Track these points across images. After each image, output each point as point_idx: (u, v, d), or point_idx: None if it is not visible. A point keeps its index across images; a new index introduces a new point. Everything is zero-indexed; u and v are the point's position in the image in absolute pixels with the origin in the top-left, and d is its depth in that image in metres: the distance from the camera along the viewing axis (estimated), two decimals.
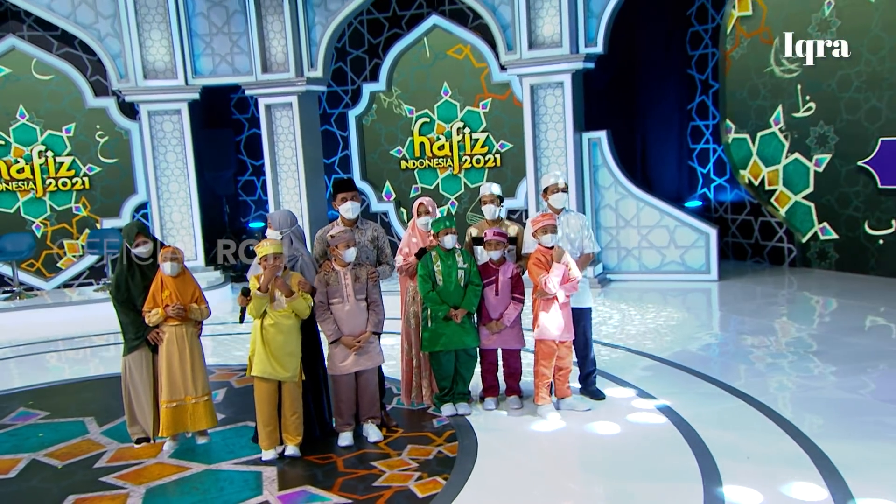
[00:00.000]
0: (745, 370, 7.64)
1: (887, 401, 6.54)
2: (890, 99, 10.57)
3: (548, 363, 6.23)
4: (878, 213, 10.93)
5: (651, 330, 9.14)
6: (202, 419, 5.75)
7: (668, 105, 13.40)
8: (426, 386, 6.58)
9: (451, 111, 12.95)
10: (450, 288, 6.09)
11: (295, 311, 5.45)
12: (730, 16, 12.34)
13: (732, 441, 5.79)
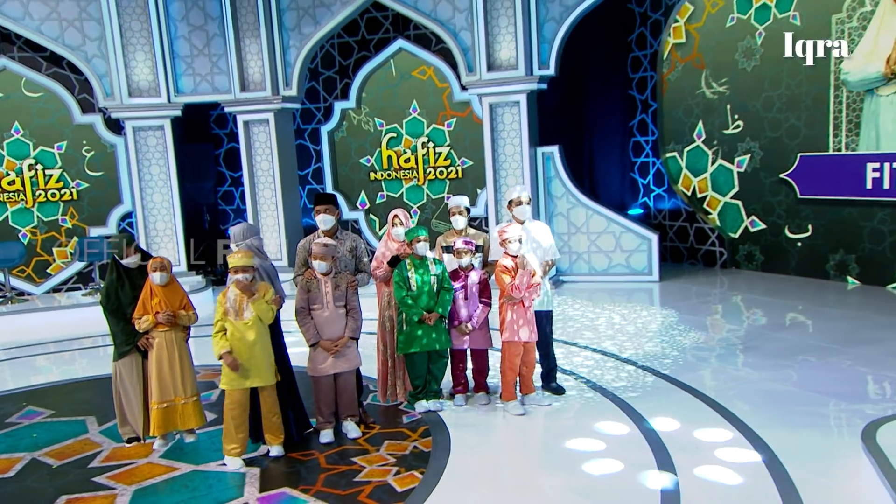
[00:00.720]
0: (686, 364, 7.70)
1: (813, 391, 6.69)
2: (807, 118, 10.92)
3: (514, 363, 6.26)
4: (798, 220, 11.28)
5: (600, 327, 9.17)
6: (191, 418, 5.72)
7: (612, 122, 13.62)
8: (400, 384, 6.61)
9: (416, 127, 13.02)
10: (423, 293, 6.12)
11: (259, 316, 5.34)
12: (666, 43, 12.61)
13: (679, 428, 5.86)
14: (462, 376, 6.62)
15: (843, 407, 6.38)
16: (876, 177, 10.22)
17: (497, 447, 5.80)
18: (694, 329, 9.06)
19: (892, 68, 9.82)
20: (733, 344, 8.40)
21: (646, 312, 10.03)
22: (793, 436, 5.68)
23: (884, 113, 10.09)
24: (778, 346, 8.23)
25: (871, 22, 10.04)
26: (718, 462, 5.26)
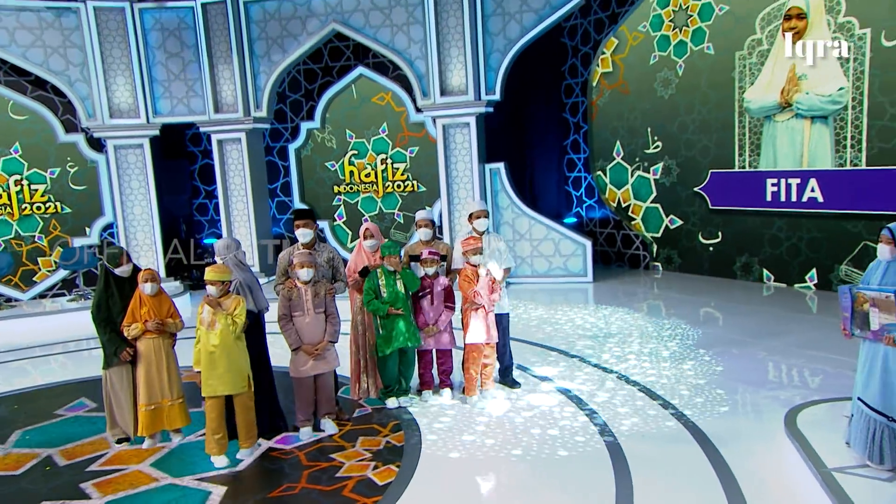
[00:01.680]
0: (620, 356, 7.78)
1: (735, 380, 6.84)
2: (717, 140, 11.33)
3: (476, 362, 6.30)
4: (710, 227, 11.69)
5: (544, 324, 9.27)
6: (177, 419, 5.64)
7: (549, 141, 13.88)
8: (372, 382, 6.56)
9: (376, 145, 13.16)
10: (392, 298, 6.06)
11: (233, 325, 5.21)
12: (595, 72, 12.94)
13: (622, 413, 6.03)
14: (429, 374, 6.60)
15: (763, 394, 6.47)
16: (774, 190, 10.69)
17: (464, 438, 5.72)
18: (625, 324, 9.22)
19: (785, 98, 10.30)
20: (660, 338, 8.47)
21: (583, 310, 10.10)
22: (722, 421, 5.79)
23: (780, 136, 10.55)
24: (698, 339, 8.36)
25: (767, 58, 10.49)
26: (657, 442, 5.39)
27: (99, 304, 5.58)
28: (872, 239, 9.59)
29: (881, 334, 4.31)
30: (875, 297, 4.31)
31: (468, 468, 5.16)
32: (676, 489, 4.63)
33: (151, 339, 5.47)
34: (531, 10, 11.11)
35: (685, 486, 4.68)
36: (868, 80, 9.40)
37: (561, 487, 4.84)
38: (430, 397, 6.49)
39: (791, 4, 10.06)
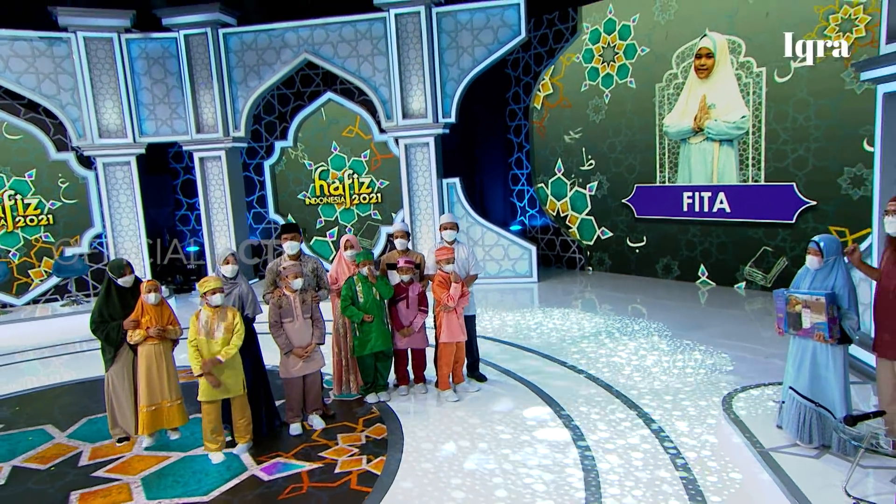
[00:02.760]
0: (566, 348, 7.91)
1: (672, 367, 6.98)
2: (641, 159, 11.68)
3: (448, 359, 6.29)
4: (635, 234, 12.07)
5: (497, 321, 9.36)
6: (176, 418, 5.53)
7: (496, 159, 14.15)
8: (353, 379, 6.54)
9: (342, 162, 13.31)
10: (367, 303, 6.05)
11: (237, 340, 5.19)
12: (536, 96, 13.22)
13: (575, 397, 6.17)
14: (404, 371, 6.57)
15: (698, 381, 6.55)
16: (689, 202, 11.10)
17: (440, 426, 5.70)
18: (567, 320, 9.35)
19: (698, 124, 10.70)
20: (600, 331, 8.63)
21: (530, 308, 10.26)
22: (665, 406, 5.91)
23: (693, 156, 10.95)
24: (633, 331, 8.53)
25: (682, 90, 10.91)
26: (610, 426, 5.52)
27: (101, 311, 5.47)
28: (770, 243, 10.21)
29: (812, 332, 4.37)
30: (807, 299, 4.34)
31: (448, 456, 5.14)
32: (636, 470, 4.74)
33: (153, 345, 5.38)
34: (482, 45, 11.49)
35: (642, 468, 4.78)
36: (765, 110, 9.94)
37: (529, 463, 4.97)
38: (406, 392, 6.51)
39: (701, 45, 10.55)
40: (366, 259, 6.13)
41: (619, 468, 4.82)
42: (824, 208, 9.56)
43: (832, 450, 4.38)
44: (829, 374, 4.31)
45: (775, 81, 9.84)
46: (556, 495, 4.49)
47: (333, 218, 13.56)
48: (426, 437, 5.52)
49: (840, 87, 9.21)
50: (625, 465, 4.86)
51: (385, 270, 6.61)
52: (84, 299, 11.86)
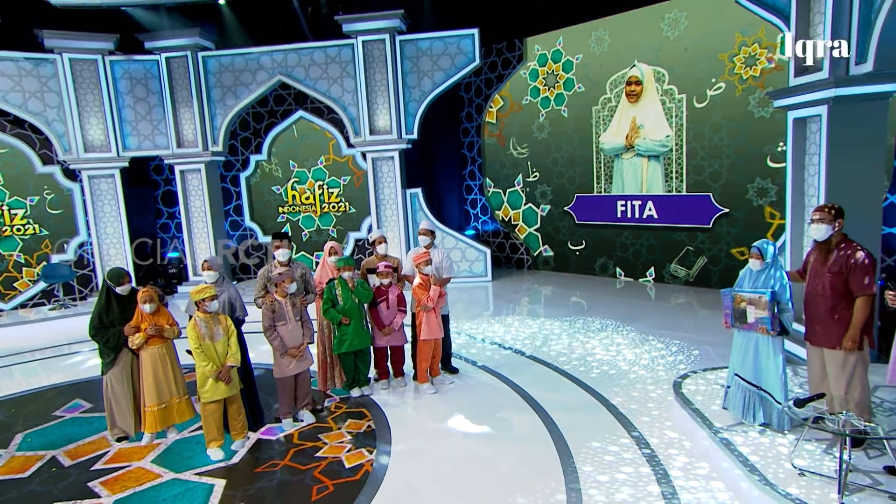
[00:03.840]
0: (522, 339, 8.05)
1: (620, 356, 7.09)
2: (580, 171, 11.99)
3: (427, 355, 6.27)
4: (576, 237, 12.36)
5: (461, 318, 9.31)
6: (185, 412, 5.43)
7: (452, 171, 14.22)
8: (337, 375, 6.43)
9: (315, 173, 13.17)
10: (346, 305, 5.96)
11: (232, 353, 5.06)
12: (484, 122, 13.51)
13: (535, 384, 6.27)
14: (384, 367, 6.49)
15: (646, 365, 6.72)
16: (623, 209, 11.45)
17: (422, 415, 5.70)
18: (520, 315, 9.49)
19: (629, 142, 11.08)
20: (549, 322, 8.81)
21: (486, 305, 10.40)
22: (620, 391, 6.04)
23: (625, 170, 11.33)
24: (581, 324, 8.65)
25: (615, 112, 11.30)
26: (577, 412, 5.55)
27: (100, 317, 5.26)
28: (692, 245, 10.66)
29: (756, 325, 4.46)
30: (751, 297, 4.43)
31: (433, 441, 5.18)
32: (604, 452, 4.80)
33: (155, 348, 5.21)
34: (440, 70, 11.65)
35: (609, 446, 4.87)
36: (685, 130, 10.41)
37: (503, 440, 5.11)
38: (387, 386, 6.46)
39: (631, 74, 11.00)
40: (347, 264, 6.07)
41: (586, 441, 4.99)
42: (735, 215, 10.09)
43: (772, 427, 4.54)
44: (770, 362, 4.45)
45: (694, 106, 10.34)
46: (537, 474, 4.57)
47: (314, 227, 13.44)
48: (411, 427, 5.46)
49: (747, 112, 9.78)
50: (593, 440, 5.01)
51: (365, 275, 6.54)
52: (71, 303, 11.46)
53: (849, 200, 5.11)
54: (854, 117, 5.99)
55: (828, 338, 4.21)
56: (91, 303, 11.35)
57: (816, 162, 6.18)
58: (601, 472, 4.52)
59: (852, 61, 5.89)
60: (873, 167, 6.08)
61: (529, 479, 4.47)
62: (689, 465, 4.56)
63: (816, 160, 6.19)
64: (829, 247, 4.28)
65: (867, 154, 6.04)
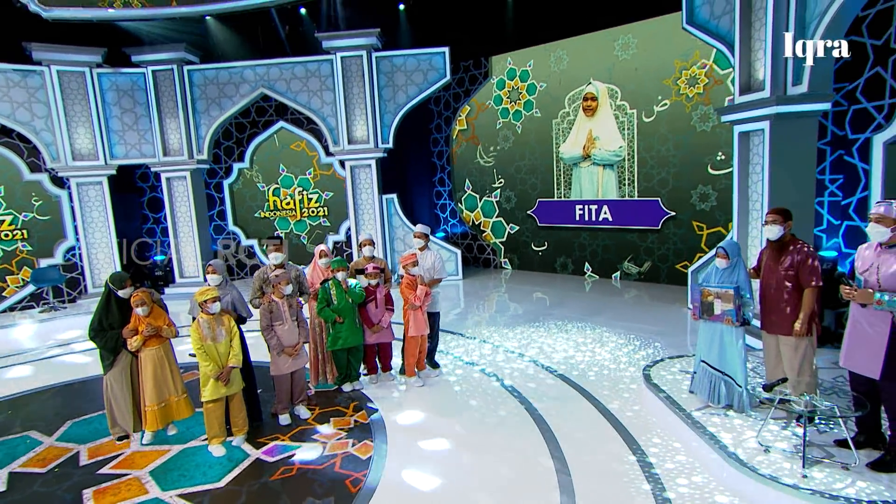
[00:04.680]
0: (494, 331, 7.99)
1: (586, 346, 7.14)
2: (542, 178, 12.12)
3: (414, 350, 6.20)
4: (538, 238, 12.47)
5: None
6: (184, 410, 5.25)
7: (423, 178, 14.22)
8: (329, 371, 6.33)
9: (291, 181, 13.09)
10: (341, 305, 5.88)
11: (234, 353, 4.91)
12: (454, 129, 13.53)
13: (519, 376, 6.25)
14: (373, 362, 6.40)
15: (614, 356, 6.77)
16: (581, 213, 11.62)
17: (415, 408, 5.62)
18: (490, 310, 9.54)
19: (586, 152, 11.26)
20: (518, 316, 8.84)
21: (458, 301, 10.33)
22: (593, 379, 6.08)
23: (583, 177, 11.51)
24: (549, 318, 8.62)
25: (573, 125, 11.49)
26: (558, 401, 5.56)
27: (101, 320, 5.04)
28: (642, 245, 10.89)
29: (722, 317, 4.56)
30: (718, 292, 4.54)
31: (426, 429, 5.14)
32: (581, 430, 4.87)
33: (154, 349, 5.03)
34: (413, 84, 11.66)
35: (588, 429, 4.92)
36: (636, 142, 10.66)
37: (488, 424, 5.07)
38: (376, 380, 6.37)
39: (587, 91, 11.21)
40: (341, 266, 6.00)
41: (566, 424, 5.06)
42: (680, 217, 10.39)
43: (734, 408, 4.69)
44: (734, 350, 4.59)
45: (643, 120, 10.61)
46: (523, 450, 4.67)
47: (288, 229, 13.24)
48: (404, 418, 5.39)
49: (690, 126, 10.10)
50: (572, 423, 5.10)
51: (353, 275, 6.40)
52: (60, 306, 11.05)
53: (787, 204, 5.36)
54: (791, 132, 6.30)
55: (782, 326, 4.40)
56: (81, 305, 10.99)
57: (760, 170, 6.47)
58: (581, 449, 4.61)
59: (789, 83, 6.18)
60: (806, 175, 6.41)
61: (517, 456, 4.52)
62: (663, 443, 4.66)
63: (759, 169, 6.47)
64: (780, 245, 4.46)
65: (801, 163, 6.37)
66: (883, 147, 6.07)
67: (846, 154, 7.17)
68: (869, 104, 6.39)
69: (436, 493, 4.17)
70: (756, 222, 6.56)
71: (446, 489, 4.21)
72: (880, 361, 3.59)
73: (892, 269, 3.58)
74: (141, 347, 4.99)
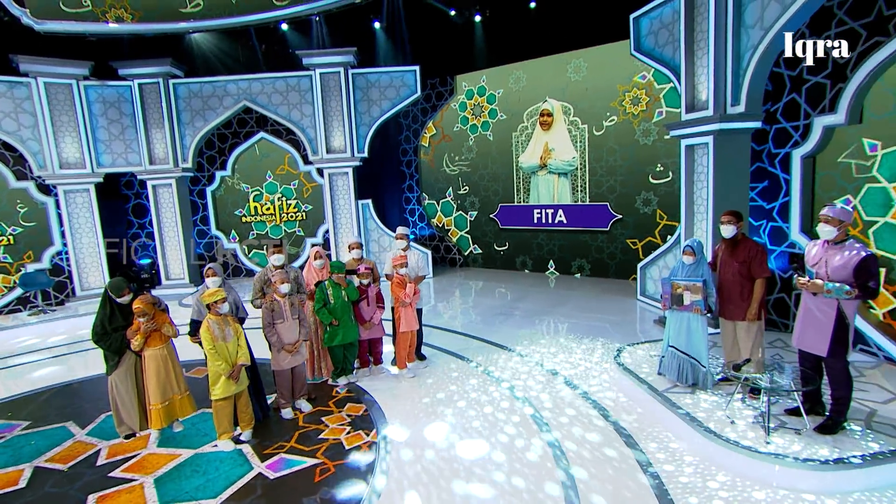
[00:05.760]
0: (482, 327, 7.95)
1: (557, 335, 7.13)
2: (503, 185, 12.22)
3: (405, 344, 6.16)
4: (500, 239, 12.56)
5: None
6: (187, 407, 5.09)
7: (394, 185, 14.10)
8: (324, 366, 6.22)
9: (272, 187, 12.72)
10: (337, 305, 5.82)
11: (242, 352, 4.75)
12: (423, 137, 13.42)
13: (500, 364, 6.25)
14: (365, 356, 6.33)
15: (584, 343, 6.82)
16: (539, 216, 11.79)
17: (410, 397, 5.55)
18: (461, 305, 9.47)
19: (542, 162, 11.44)
20: (485, 309, 8.87)
21: (429, 298, 10.21)
22: (568, 365, 6.12)
23: (540, 184, 11.67)
24: (518, 311, 8.61)
25: (531, 138, 11.66)
26: (541, 387, 5.51)
27: (103, 324, 4.83)
28: (593, 244, 11.13)
29: (690, 307, 4.66)
30: (687, 284, 4.63)
31: (422, 417, 5.10)
32: (567, 417, 4.89)
33: (157, 349, 4.86)
34: (387, 99, 11.60)
35: (570, 412, 4.96)
36: (587, 153, 10.93)
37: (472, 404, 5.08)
38: (369, 373, 6.30)
39: (543, 107, 11.41)
40: (339, 271, 5.94)
41: (550, 405, 5.12)
42: (626, 220, 10.72)
43: (699, 386, 4.88)
44: (699, 335, 4.75)
45: (594, 134, 10.89)
46: (515, 429, 4.71)
47: (264, 232, 12.90)
48: (401, 407, 5.34)
49: (634, 140, 10.47)
50: (555, 402, 5.17)
51: (345, 275, 6.26)
52: (49, 309, 10.45)
53: (728, 206, 5.71)
54: (730, 145, 6.66)
55: (738, 312, 4.65)
56: (69, 308, 10.43)
57: (704, 179, 6.80)
58: (566, 417, 4.67)
59: (729, 103, 6.53)
60: (742, 182, 6.79)
61: (511, 435, 4.62)
62: (639, 420, 4.78)
63: (704, 177, 6.81)
64: (734, 243, 4.70)
65: (739, 172, 6.74)
66: (800, 160, 6.50)
67: (770, 166, 7.62)
68: (787, 124, 6.82)
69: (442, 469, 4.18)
70: (701, 224, 6.89)
71: (450, 466, 4.22)
72: (827, 341, 3.88)
73: (837, 263, 3.87)
74: (144, 347, 4.82)
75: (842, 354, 3.91)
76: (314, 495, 3.92)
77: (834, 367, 3.93)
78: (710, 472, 3.94)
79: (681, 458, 4.16)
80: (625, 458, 4.17)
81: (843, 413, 4.03)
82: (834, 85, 6.20)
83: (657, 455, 4.20)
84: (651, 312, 8.38)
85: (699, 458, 4.11)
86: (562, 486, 3.89)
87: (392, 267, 6.21)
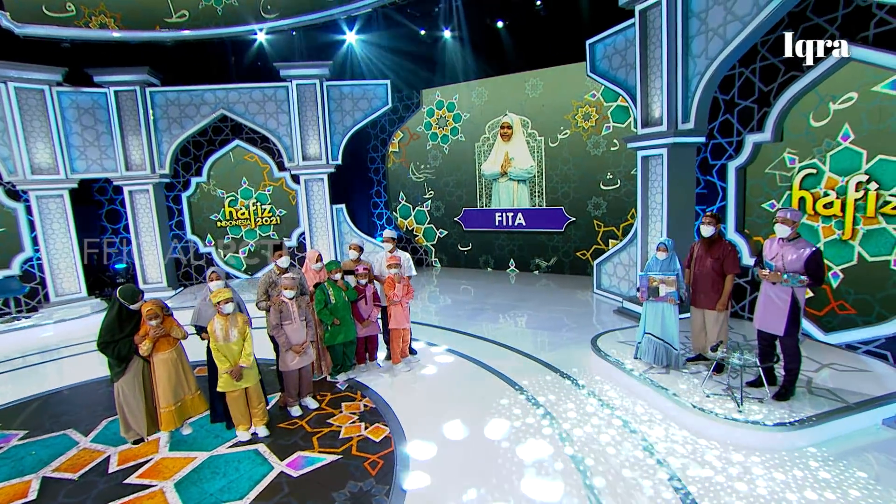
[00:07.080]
0: (463, 320, 7.85)
1: (531, 327, 7.22)
2: (467, 191, 12.23)
3: (399, 341, 6.13)
4: (464, 240, 12.57)
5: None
6: (199, 405, 4.91)
7: (363, 191, 13.89)
8: (324, 364, 6.04)
9: (247, 193, 12.23)
10: (338, 304, 5.69)
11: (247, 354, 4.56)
12: (393, 143, 13.31)
13: (474, 351, 6.30)
14: (362, 353, 6.22)
15: (559, 334, 6.83)
16: (500, 219, 11.88)
17: (411, 389, 5.48)
18: (434, 302, 9.33)
19: (503, 170, 11.54)
20: (455, 305, 8.76)
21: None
22: (551, 353, 6.14)
23: (501, 191, 11.77)
24: (491, 307, 8.50)
25: (493, 148, 11.74)
26: (529, 372, 5.52)
27: (111, 330, 4.48)
28: (552, 243, 11.32)
29: (666, 298, 4.80)
30: (663, 278, 4.75)
31: (424, 406, 5.09)
32: (558, 399, 4.92)
33: (167, 354, 4.62)
34: (359, 110, 11.42)
35: (557, 392, 5.01)
36: (544, 162, 11.15)
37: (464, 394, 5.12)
38: (365, 368, 6.19)
39: (504, 120, 11.53)
40: (337, 268, 5.80)
41: (537, 385, 5.14)
42: (580, 222, 11.02)
43: (672, 367, 5.06)
44: (672, 322, 4.94)
45: (550, 145, 11.14)
46: (509, 409, 4.79)
47: (239, 236, 12.38)
48: (405, 399, 5.20)
49: (586, 151, 10.80)
50: (540, 385, 5.23)
51: (343, 275, 6.09)
52: (22, 315, 9.58)
53: (680, 213, 6.01)
54: (680, 157, 7.03)
55: (708, 302, 4.92)
56: (42, 314, 9.61)
57: (659, 185, 7.14)
58: (552, 395, 4.74)
59: (680, 120, 6.89)
60: (690, 189, 7.19)
61: (506, 414, 4.63)
62: (621, 399, 4.89)
63: (659, 184, 7.14)
64: (711, 241, 4.93)
65: (687, 180, 7.13)
66: (735, 170, 6.97)
67: (708, 175, 8.07)
68: (723, 140, 7.26)
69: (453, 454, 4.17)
70: (656, 224, 7.23)
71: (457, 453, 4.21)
72: (783, 322, 4.20)
73: (792, 257, 4.20)
74: (153, 352, 4.56)
75: (794, 333, 4.24)
76: (342, 489, 3.79)
77: (788, 344, 4.26)
78: (700, 445, 4.13)
79: (668, 427, 4.34)
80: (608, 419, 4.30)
81: (794, 382, 4.37)
82: (760, 108, 6.68)
83: (640, 419, 4.34)
84: (607, 304, 8.62)
85: (676, 423, 4.32)
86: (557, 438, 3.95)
87: (386, 267, 6.15)
